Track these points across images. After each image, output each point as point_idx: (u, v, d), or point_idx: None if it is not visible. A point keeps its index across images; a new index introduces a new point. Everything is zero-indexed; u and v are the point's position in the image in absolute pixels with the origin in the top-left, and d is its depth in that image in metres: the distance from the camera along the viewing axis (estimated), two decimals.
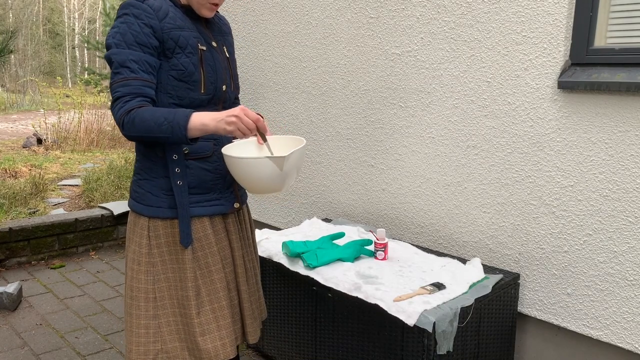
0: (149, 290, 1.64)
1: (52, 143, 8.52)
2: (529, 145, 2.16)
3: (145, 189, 1.63)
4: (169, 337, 1.65)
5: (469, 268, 2.16)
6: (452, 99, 2.38)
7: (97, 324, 2.91)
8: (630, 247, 1.95)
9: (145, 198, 1.62)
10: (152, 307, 1.64)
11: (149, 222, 1.62)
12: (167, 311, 1.65)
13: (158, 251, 1.63)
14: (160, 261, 1.63)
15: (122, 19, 1.53)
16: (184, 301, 1.64)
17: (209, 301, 1.65)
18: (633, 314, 1.96)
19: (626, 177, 1.93)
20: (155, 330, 1.65)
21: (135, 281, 1.64)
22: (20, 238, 3.69)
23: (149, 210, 1.62)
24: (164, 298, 1.65)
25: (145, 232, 1.62)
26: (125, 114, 1.46)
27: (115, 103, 1.49)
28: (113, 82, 1.50)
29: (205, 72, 1.60)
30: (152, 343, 1.65)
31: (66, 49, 28.20)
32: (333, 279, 2.07)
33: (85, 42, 14.25)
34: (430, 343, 1.78)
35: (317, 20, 2.90)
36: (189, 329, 1.64)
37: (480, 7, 2.24)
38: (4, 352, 2.62)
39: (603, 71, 1.95)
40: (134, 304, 1.65)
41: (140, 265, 1.63)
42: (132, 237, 1.66)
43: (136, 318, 1.65)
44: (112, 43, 1.52)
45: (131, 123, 1.46)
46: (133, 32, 1.51)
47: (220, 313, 1.66)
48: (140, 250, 1.63)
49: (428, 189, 2.52)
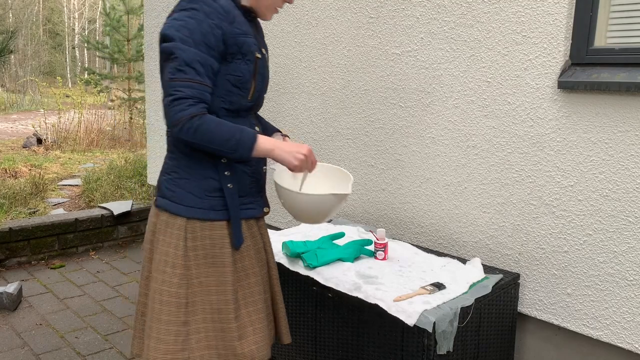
0: (181, 295, 1.56)
1: (52, 143, 8.52)
2: (528, 145, 2.16)
3: (185, 189, 1.57)
4: (196, 346, 1.58)
5: (469, 268, 2.16)
6: (452, 99, 2.38)
7: (97, 324, 2.91)
8: (630, 247, 1.95)
9: (185, 198, 1.56)
10: (184, 313, 1.57)
11: (187, 224, 1.55)
12: (197, 317, 1.58)
13: (194, 254, 1.56)
14: (194, 264, 1.57)
15: (189, 12, 1.46)
16: (221, 305, 1.58)
17: (245, 304, 1.63)
18: (633, 314, 1.96)
19: (626, 177, 1.93)
20: (184, 339, 1.57)
21: (167, 285, 1.56)
22: (20, 238, 3.69)
23: (189, 211, 1.55)
24: (196, 304, 1.58)
25: (182, 234, 1.55)
26: (188, 119, 1.42)
27: (176, 102, 1.42)
28: (174, 78, 1.43)
29: (256, 80, 1.59)
30: (180, 352, 1.57)
31: (66, 49, 28.19)
32: (333, 279, 2.07)
33: (85, 42, 14.24)
34: (430, 343, 1.78)
35: (317, 20, 2.90)
36: (225, 334, 1.59)
37: (480, 7, 2.24)
38: (4, 352, 2.62)
39: (603, 71, 1.95)
40: (164, 309, 1.56)
41: (175, 268, 1.56)
42: (164, 238, 1.58)
43: (165, 324, 1.57)
44: (177, 37, 1.44)
45: (193, 130, 1.43)
46: (202, 31, 1.45)
47: (256, 316, 1.64)
48: (176, 252, 1.55)
49: (428, 189, 2.52)
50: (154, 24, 4.17)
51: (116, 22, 10.40)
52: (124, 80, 10.95)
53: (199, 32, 1.45)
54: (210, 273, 1.58)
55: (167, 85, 1.44)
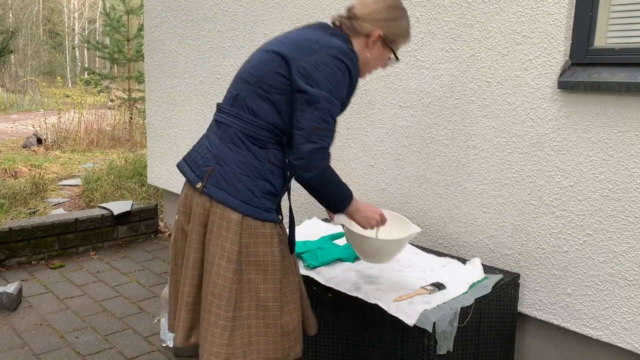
0: (233, 290, 1.60)
1: (52, 143, 8.52)
2: (528, 145, 2.16)
3: (246, 185, 1.60)
4: (239, 342, 1.62)
5: (469, 268, 2.16)
6: (452, 99, 2.38)
7: (97, 324, 2.91)
8: (630, 247, 1.95)
9: (245, 195, 1.60)
10: (233, 309, 1.61)
11: (243, 220, 1.59)
12: (242, 314, 1.63)
13: (246, 251, 1.61)
14: (245, 261, 1.61)
15: (339, 64, 1.57)
16: (267, 303, 1.63)
17: (287, 302, 1.68)
18: (633, 314, 1.96)
19: (626, 177, 1.93)
20: (230, 334, 1.61)
21: (222, 279, 1.60)
22: (20, 238, 3.69)
23: (247, 208, 1.59)
24: (243, 300, 1.62)
25: (238, 230, 1.59)
26: (324, 167, 1.60)
27: (320, 151, 1.56)
28: (320, 127, 1.55)
29: None
30: (225, 347, 1.61)
31: (66, 49, 28.19)
32: (333, 279, 2.07)
33: (85, 42, 14.24)
34: (430, 343, 1.78)
35: (317, 20, 2.90)
36: (267, 330, 1.64)
37: (480, 7, 2.24)
38: (4, 352, 2.62)
39: (603, 71, 1.95)
40: (215, 302, 1.61)
41: (230, 263, 1.59)
42: (220, 231, 1.60)
43: (215, 317, 1.61)
44: (325, 86, 1.55)
45: (324, 179, 1.61)
46: (343, 88, 1.60)
47: (296, 314, 1.70)
48: (232, 247, 1.59)
49: (428, 189, 2.52)
50: (154, 24, 4.17)
51: (116, 22, 10.40)
52: (124, 80, 10.96)
53: (343, 89, 1.60)
54: (259, 271, 1.62)
55: (310, 131, 1.55)
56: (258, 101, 1.61)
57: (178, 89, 4.00)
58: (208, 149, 1.67)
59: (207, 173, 1.62)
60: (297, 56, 1.57)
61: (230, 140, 1.63)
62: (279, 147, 1.64)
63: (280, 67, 1.58)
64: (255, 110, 1.61)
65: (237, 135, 1.62)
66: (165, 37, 4.06)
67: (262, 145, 1.62)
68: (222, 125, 1.66)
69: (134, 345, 2.69)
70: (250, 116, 1.62)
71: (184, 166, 1.72)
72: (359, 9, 1.68)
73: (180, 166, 1.74)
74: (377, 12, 1.67)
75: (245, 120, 1.62)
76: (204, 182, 1.62)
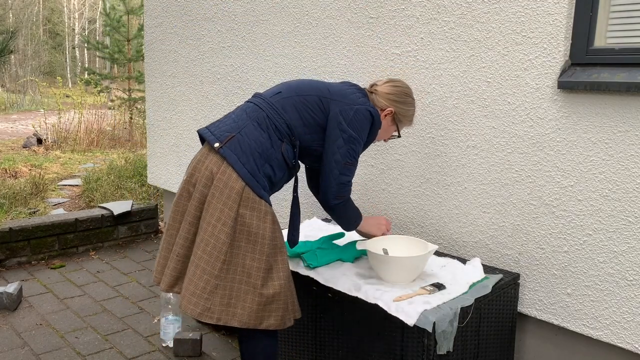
0: (223, 251, 1.77)
1: (52, 143, 8.53)
2: (528, 145, 2.16)
3: (255, 160, 1.82)
4: (219, 301, 1.78)
5: (469, 268, 2.16)
6: (452, 99, 2.38)
7: (97, 324, 2.91)
8: (630, 247, 1.95)
9: (251, 167, 1.81)
10: (219, 268, 1.77)
11: (243, 192, 1.78)
12: (228, 276, 1.79)
13: (241, 220, 1.79)
14: (239, 230, 1.79)
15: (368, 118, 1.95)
16: (251, 271, 1.79)
17: (271, 278, 1.82)
18: (633, 314, 1.96)
19: (626, 177, 1.93)
20: (212, 290, 1.77)
21: (215, 239, 1.77)
22: (20, 238, 3.69)
23: (250, 178, 1.79)
24: (231, 263, 1.79)
25: (237, 199, 1.77)
26: (347, 198, 2.01)
27: (347, 184, 1.98)
28: (350, 163, 1.95)
29: None
30: (205, 300, 1.77)
31: (66, 49, 28.19)
32: (333, 279, 2.07)
33: (85, 42, 14.24)
34: (430, 343, 1.78)
35: (317, 20, 2.90)
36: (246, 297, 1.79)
37: (480, 7, 2.24)
38: (4, 352, 2.62)
39: (603, 71, 1.95)
40: (204, 257, 1.77)
41: (224, 226, 1.76)
42: (220, 196, 1.78)
43: (201, 271, 1.77)
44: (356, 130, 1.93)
45: (342, 204, 2.00)
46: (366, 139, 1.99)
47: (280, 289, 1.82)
48: (230, 213, 1.77)
49: (428, 189, 2.52)
50: (154, 24, 4.17)
51: (116, 22, 10.39)
52: (124, 80, 10.95)
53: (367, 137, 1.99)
54: (250, 241, 1.80)
55: (342, 164, 1.93)
56: (293, 106, 1.92)
57: (178, 89, 4.01)
58: (234, 121, 1.89)
59: (228, 138, 1.83)
60: (341, 100, 1.95)
61: (257, 120, 1.88)
62: (292, 146, 1.91)
63: (325, 98, 1.95)
64: (287, 110, 1.91)
65: (265, 119, 1.88)
66: (165, 37, 4.06)
67: (280, 137, 1.88)
68: (254, 107, 1.92)
69: (134, 345, 2.69)
70: (282, 111, 1.90)
71: (205, 131, 1.90)
72: (380, 88, 2.07)
73: (201, 130, 1.92)
74: (393, 94, 2.06)
75: (276, 111, 1.89)
76: (223, 144, 1.82)
